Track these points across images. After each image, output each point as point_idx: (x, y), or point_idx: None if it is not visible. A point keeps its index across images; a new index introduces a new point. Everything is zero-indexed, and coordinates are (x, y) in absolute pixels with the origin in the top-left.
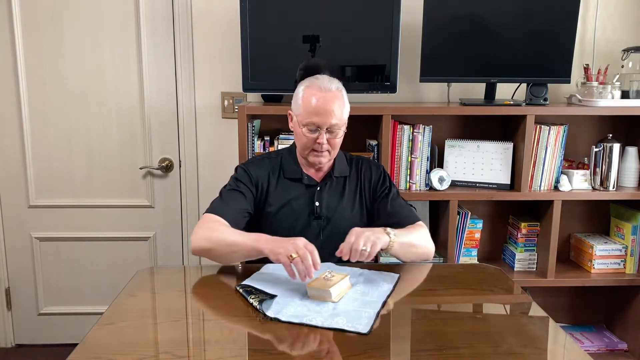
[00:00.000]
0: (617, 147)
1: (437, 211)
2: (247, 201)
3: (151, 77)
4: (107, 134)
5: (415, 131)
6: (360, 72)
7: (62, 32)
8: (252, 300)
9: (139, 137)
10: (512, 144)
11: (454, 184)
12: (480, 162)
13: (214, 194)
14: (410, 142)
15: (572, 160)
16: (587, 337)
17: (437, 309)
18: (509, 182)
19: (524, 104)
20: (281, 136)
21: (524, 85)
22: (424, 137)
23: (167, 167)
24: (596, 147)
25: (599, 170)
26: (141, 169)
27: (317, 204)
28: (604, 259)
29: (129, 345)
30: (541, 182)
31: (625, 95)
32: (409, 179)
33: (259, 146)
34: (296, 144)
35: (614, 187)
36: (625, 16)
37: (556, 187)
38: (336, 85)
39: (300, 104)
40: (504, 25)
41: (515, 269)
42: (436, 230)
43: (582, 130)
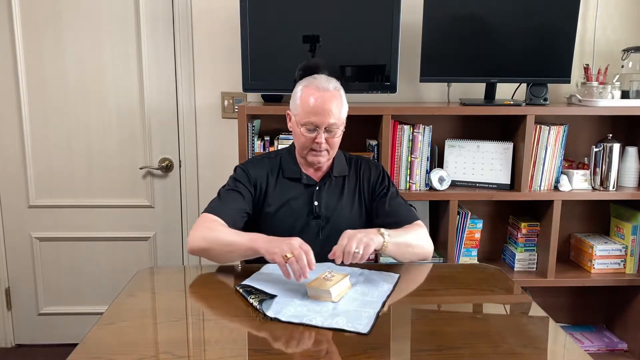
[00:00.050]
0: (617, 147)
1: (437, 211)
2: (246, 201)
3: (151, 77)
4: (107, 134)
5: (415, 131)
6: (360, 72)
7: (62, 32)
8: (252, 300)
9: (139, 137)
10: (512, 144)
11: (454, 184)
12: (480, 162)
13: (214, 194)
14: (410, 142)
15: (572, 160)
16: (587, 337)
17: (437, 309)
18: (509, 182)
19: (524, 104)
20: (281, 136)
21: (524, 85)
22: (424, 137)
23: (167, 167)
24: (596, 147)
25: (599, 170)
26: (141, 169)
27: (316, 203)
28: (604, 259)
29: (129, 345)
30: (541, 182)
31: (625, 95)
32: (409, 179)
33: (259, 146)
34: (295, 144)
35: (614, 187)
36: (625, 16)
37: (556, 187)
38: (334, 84)
39: (298, 104)
40: (504, 25)
41: (515, 269)
42: (436, 230)
43: (582, 130)
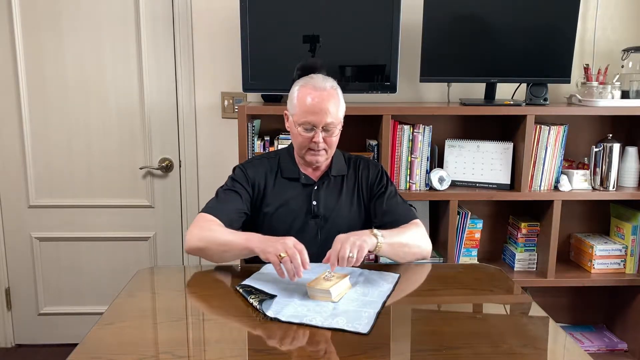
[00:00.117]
0: (617, 147)
1: (437, 211)
2: (243, 201)
3: (151, 77)
4: (107, 134)
5: (415, 131)
6: (360, 72)
7: (62, 32)
8: (252, 300)
9: (139, 137)
10: (512, 144)
11: (454, 184)
12: (480, 162)
13: (213, 194)
14: (410, 142)
15: (572, 160)
16: (587, 337)
17: (437, 309)
18: (509, 182)
19: (524, 104)
20: (281, 136)
21: (524, 85)
22: (424, 137)
23: (167, 167)
24: (596, 147)
25: (599, 170)
26: (141, 169)
27: (314, 203)
28: (604, 259)
29: (129, 345)
30: (541, 182)
31: (625, 95)
32: (409, 179)
33: (259, 146)
34: (293, 144)
35: (614, 187)
36: (625, 16)
37: (556, 187)
38: (331, 83)
39: (295, 104)
40: (504, 25)
41: (515, 269)
42: (436, 230)
43: (582, 130)
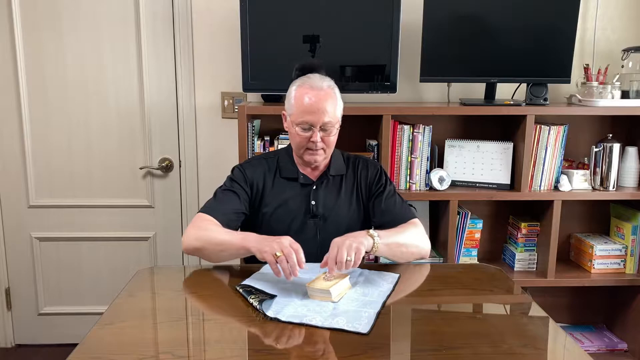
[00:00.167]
0: (617, 147)
1: (437, 211)
2: (241, 201)
3: (151, 77)
4: (107, 134)
5: (415, 131)
6: (360, 72)
7: (62, 32)
8: (252, 300)
9: (139, 137)
10: (512, 144)
11: (454, 184)
12: (480, 162)
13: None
14: (410, 142)
15: (572, 160)
16: (587, 337)
17: (437, 309)
18: (509, 182)
19: (524, 104)
20: (281, 136)
21: (524, 85)
22: (424, 137)
23: (167, 167)
24: (596, 147)
25: (599, 170)
26: (141, 169)
27: (313, 202)
28: (604, 259)
29: (129, 345)
30: (541, 182)
31: (625, 95)
32: (409, 179)
33: (259, 146)
34: (291, 144)
35: (614, 187)
36: (625, 16)
37: (556, 187)
38: (328, 83)
39: (293, 104)
40: (504, 25)
41: (515, 269)
42: (436, 230)
43: (582, 130)
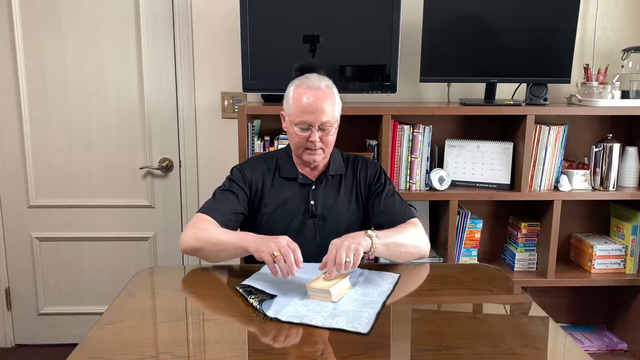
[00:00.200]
0: (617, 147)
1: (437, 211)
2: (240, 202)
3: (151, 77)
4: (107, 134)
5: (415, 131)
6: (360, 72)
7: (62, 32)
8: (252, 300)
9: (139, 137)
10: (512, 144)
11: (454, 184)
12: (480, 162)
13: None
14: (410, 142)
15: (572, 160)
16: (587, 337)
17: (437, 309)
18: (509, 182)
19: (524, 104)
20: (281, 136)
21: (524, 85)
22: (424, 137)
23: (167, 167)
24: (596, 147)
25: (599, 170)
26: (141, 169)
27: (312, 202)
28: (604, 259)
29: (129, 345)
30: (541, 182)
31: (625, 95)
32: (409, 179)
33: (259, 146)
34: (290, 144)
35: (614, 187)
36: (625, 16)
37: (556, 187)
38: (325, 82)
39: (291, 104)
40: (504, 25)
41: (515, 269)
42: (436, 230)
43: (582, 130)
